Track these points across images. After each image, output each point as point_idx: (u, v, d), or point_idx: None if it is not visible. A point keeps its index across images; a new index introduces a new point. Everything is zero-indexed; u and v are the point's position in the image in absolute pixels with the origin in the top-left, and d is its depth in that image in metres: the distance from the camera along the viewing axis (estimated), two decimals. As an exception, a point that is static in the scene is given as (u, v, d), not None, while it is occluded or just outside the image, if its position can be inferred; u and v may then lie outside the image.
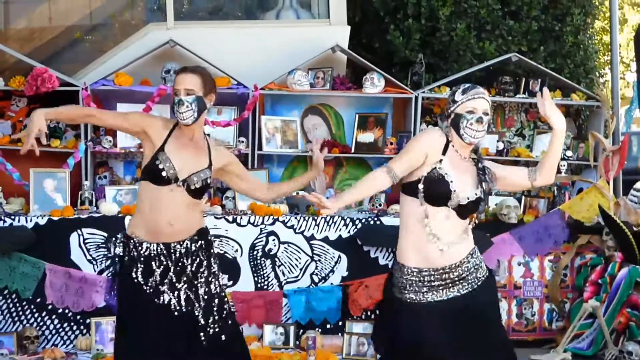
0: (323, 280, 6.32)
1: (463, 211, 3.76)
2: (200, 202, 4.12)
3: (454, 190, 3.71)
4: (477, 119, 3.72)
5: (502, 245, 6.42)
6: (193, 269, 4.04)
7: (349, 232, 6.33)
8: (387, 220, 6.36)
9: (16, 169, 6.37)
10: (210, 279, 4.09)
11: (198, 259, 4.07)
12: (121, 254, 4.03)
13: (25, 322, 6.00)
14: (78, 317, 6.03)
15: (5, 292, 5.96)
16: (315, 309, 6.24)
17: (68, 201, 6.34)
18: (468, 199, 3.74)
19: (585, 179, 6.98)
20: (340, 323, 6.26)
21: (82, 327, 6.04)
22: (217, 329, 4.03)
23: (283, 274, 6.28)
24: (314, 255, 6.31)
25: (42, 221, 6.04)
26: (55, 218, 6.08)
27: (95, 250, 6.06)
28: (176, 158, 3.99)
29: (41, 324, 6.02)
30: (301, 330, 6.18)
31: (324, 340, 6.07)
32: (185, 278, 4.01)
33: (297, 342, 6.12)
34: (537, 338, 6.49)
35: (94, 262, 6.06)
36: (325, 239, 6.32)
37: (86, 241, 6.06)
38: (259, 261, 6.23)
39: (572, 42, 7.86)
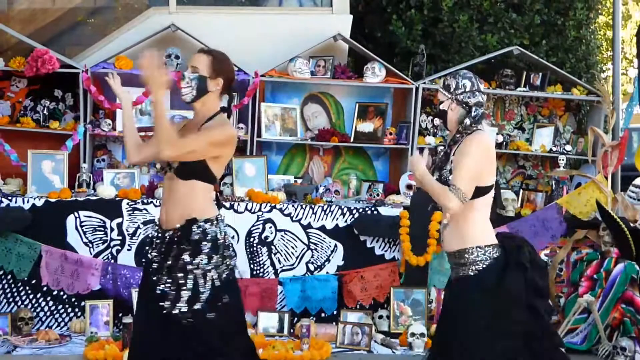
0: (319, 269, 6.32)
1: None
2: None
3: None
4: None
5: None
6: (173, 256, 3.80)
7: (345, 221, 6.32)
8: (384, 211, 6.36)
9: (14, 150, 6.38)
10: (188, 267, 3.77)
11: (180, 249, 3.79)
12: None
13: (20, 303, 6.00)
14: (73, 299, 6.04)
15: (1, 272, 5.97)
16: (311, 298, 6.24)
17: (66, 183, 6.34)
18: None
19: (584, 174, 6.97)
20: (335, 312, 6.26)
21: (76, 310, 6.05)
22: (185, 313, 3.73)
23: (279, 261, 6.28)
24: (310, 244, 6.31)
25: (39, 203, 6.04)
26: (53, 200, 6.08)
27: (91, 233, 6.07)
28: None
29: (36, 305, 6.02)
30: (296, 319, 6.19)
31: (318, 328, 6.07)
32: (167, 263, 3.80)
33: (292, 330, 6.12)
34: (531, 331, 6.49)
35: (90, 245, 6.07)
36: (322, 228, 6.31)
37: (83, 224, 6.06)
38: (255, 248, 6.23)
39: (575, 37, 7.85)
